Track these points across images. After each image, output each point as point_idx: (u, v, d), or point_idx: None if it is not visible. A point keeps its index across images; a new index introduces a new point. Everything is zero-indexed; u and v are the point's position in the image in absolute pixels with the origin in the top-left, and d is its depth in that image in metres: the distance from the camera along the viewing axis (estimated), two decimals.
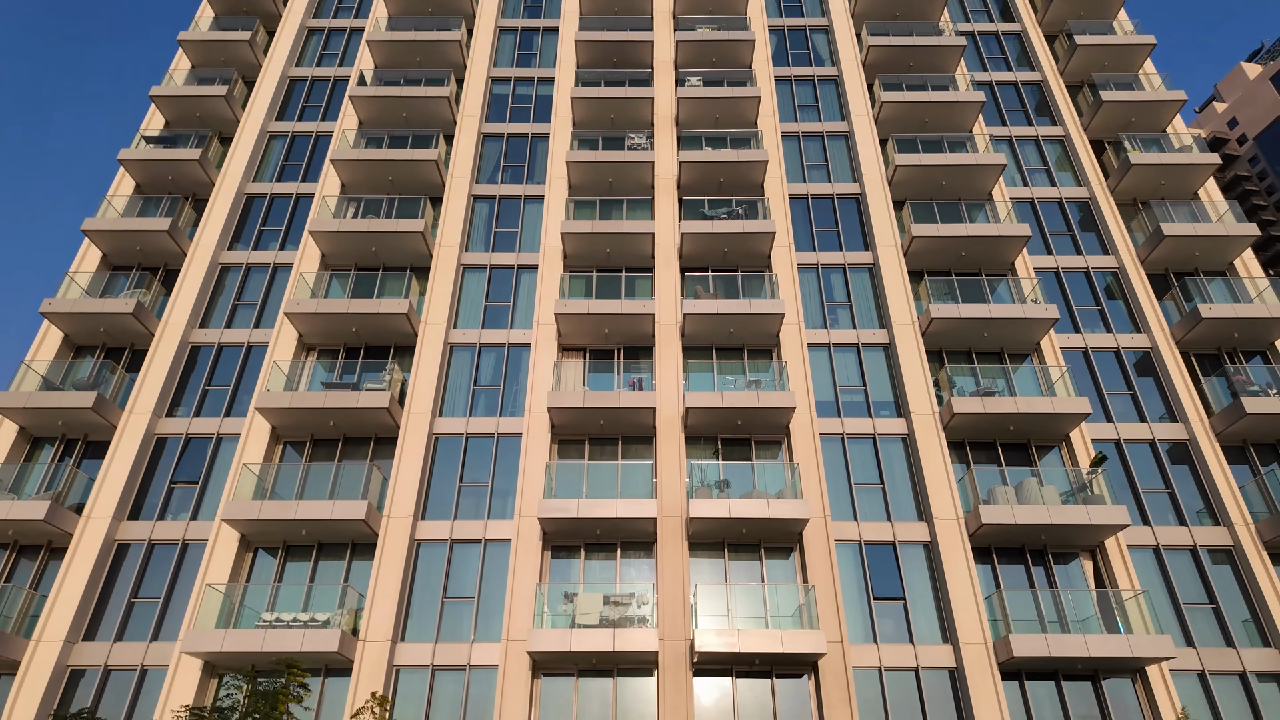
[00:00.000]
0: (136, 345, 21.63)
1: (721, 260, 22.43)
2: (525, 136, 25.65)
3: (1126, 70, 26.78)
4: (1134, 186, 24.07)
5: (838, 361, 20.97)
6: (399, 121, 25.34)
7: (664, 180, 23.81)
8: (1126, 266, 22.72)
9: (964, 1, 30.12)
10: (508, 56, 27.98)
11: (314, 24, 29.07)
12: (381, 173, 23.60)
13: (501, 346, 21.31)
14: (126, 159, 23.72)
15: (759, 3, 28.92)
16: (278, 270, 22.97)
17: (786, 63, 27.82)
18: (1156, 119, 25.34)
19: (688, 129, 25.18)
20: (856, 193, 24.18)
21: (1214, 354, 21.57)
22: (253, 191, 24.60)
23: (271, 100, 26.33)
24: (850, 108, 25.68)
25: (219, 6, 28.71)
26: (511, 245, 23.24)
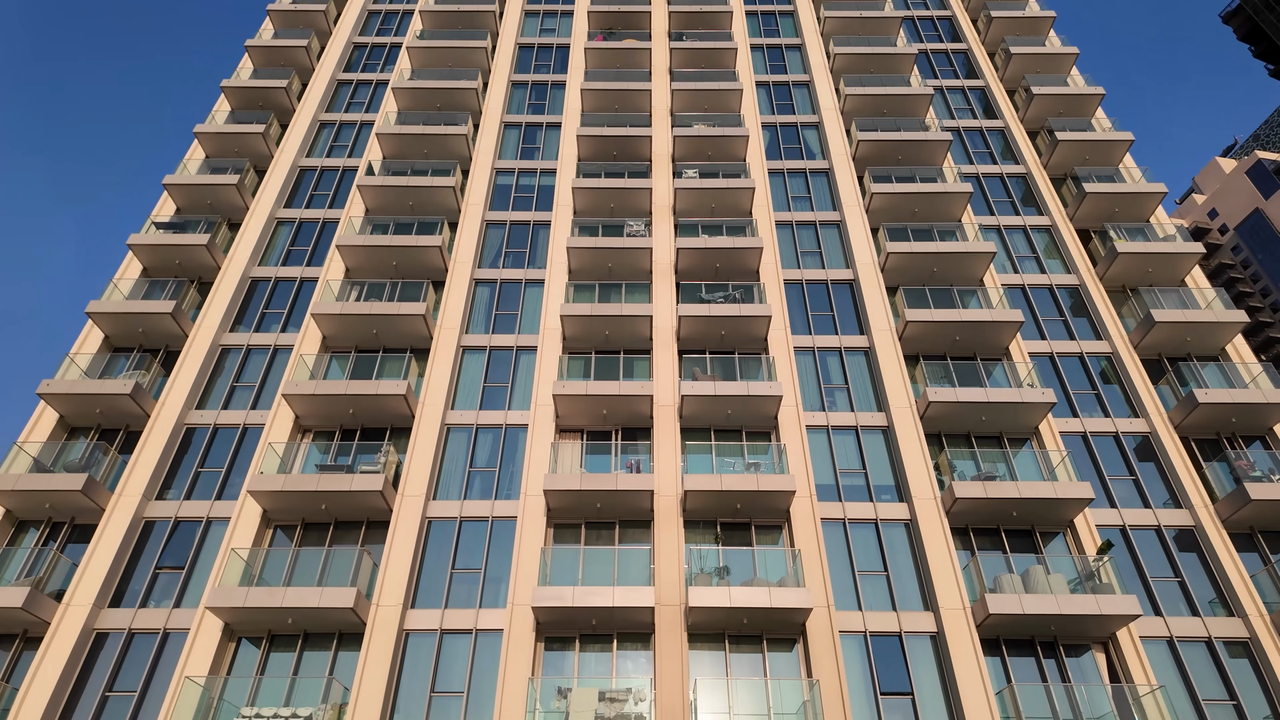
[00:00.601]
0: (131, 426, 21.51)
1: (719, 343, 22.65)
2: (527, 224, 26.36)
3: (1107, 164, 27.85)
4: (1122, 274, 24.61)
5: (837, 444, 20.86)
6: (405, 210, 26.09)
7: (662, 266, 24.33)
8: (1120, 351, 22.96)
9: (948, 100, 31.61)
10: (512, 149, 29.09)
11: (326, 118, 30.34)
12: (386, 258, 24.12)
13: (499, 428, 21.21)
14: (136, 244, 24.25)
15: (752, 101, 30.33)
16: (278, 352, 23.11)
17: (779, 156, 28.93)
18: (1139, 209, 26.16)
19: (685, 217, 25.93)
20: (850, 278, 24.67)
21: (1213, 439, 21.51)
22: (258, 275, 25.05)
23: (281, 188, 27.18)
24: (841, 198, 26.53)
25: (235, 101, 30.03)
26: (511, 328, 23.50)
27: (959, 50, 33.68)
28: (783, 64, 32.76)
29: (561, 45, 33.14)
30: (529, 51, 33.04)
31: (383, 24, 34.75)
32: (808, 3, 34.70)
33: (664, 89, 30.46)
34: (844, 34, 32.52)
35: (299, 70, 31.50)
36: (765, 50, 33.27)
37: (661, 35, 32.89)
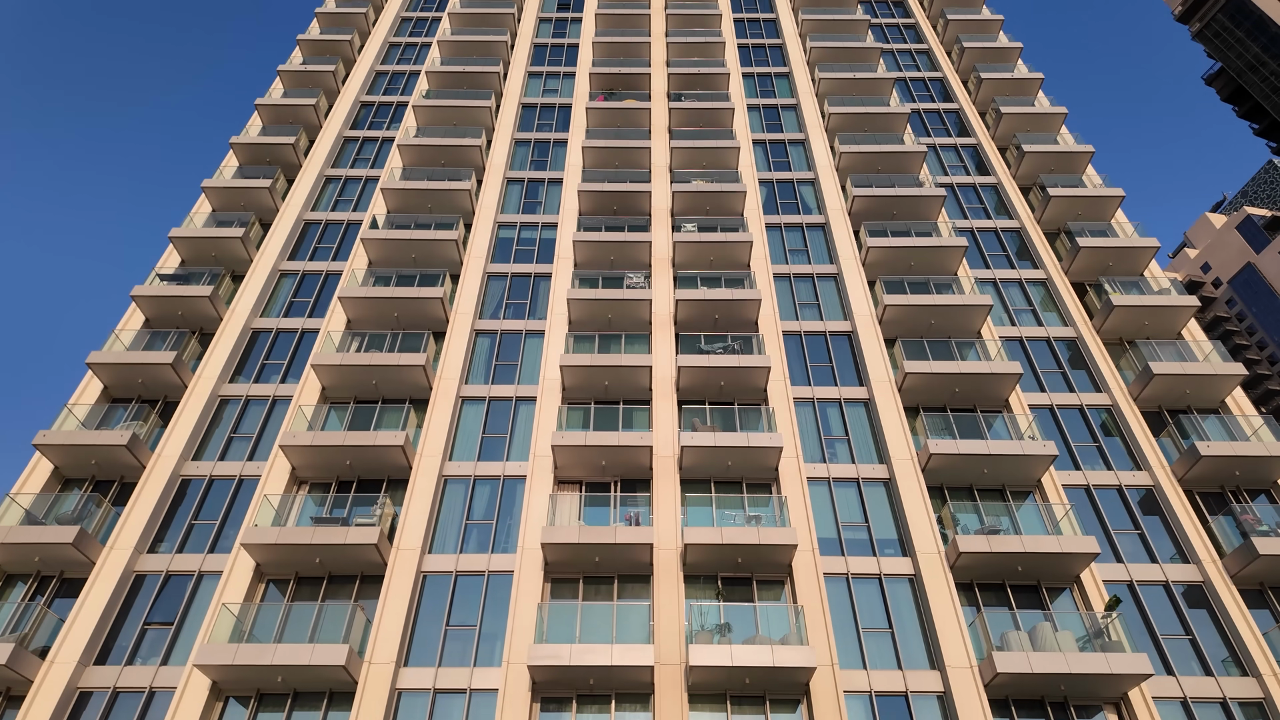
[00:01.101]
0: (126, 478, 21.32)
1: (718, 394, 22.64)
2: (528, 276, 26.65)
3: (1099, 219, 28.31)
4: (1119, 326, 24.76)
5: (839, 497, 20.65)
6: (408, 262, 26.40)
7: (661, 317, 24.49)
8: (1120, 404, 22.93)
9: (941, 157, 32.33)
10: (514, 204, 29.61)
11: (332, 173, 30.97)
12: (388, 309, 24.29)
13: (496, 479, 21.03)
14: (139, 295, 24.45)
15: (749, 158, 31.01)
16: (276, 403, 23.07)
17: (776, 210, 29.44)
18: (1133, 264, 26.48)
19: (684, 270, 26.22)
20: (848, 330, 24.81)
21: (1217, 492, 21.31)
22: (259, 326, 25.19)
23: (286, 241, 27.55)
24: (838, 252, 26.89)
25: (244, 157, 30.68)
26: (511, 378, 23.52)
27: (951, 110, 34.59)
28: (779, 123, 33.60)
29: (564, 105, 34.04)
30: (532, 111, 33.93)
31: (390, 84, 35.77)
32: (802, 65, 35.80)
33: (663, 147, 31.17)
34: (838, 94, 33.45)
35: (307, 127, 32.28)
36: (761, 110, 34.17)
37: (661, 96, 33.82)
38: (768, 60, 37.09)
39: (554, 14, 39.95)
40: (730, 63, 35.90)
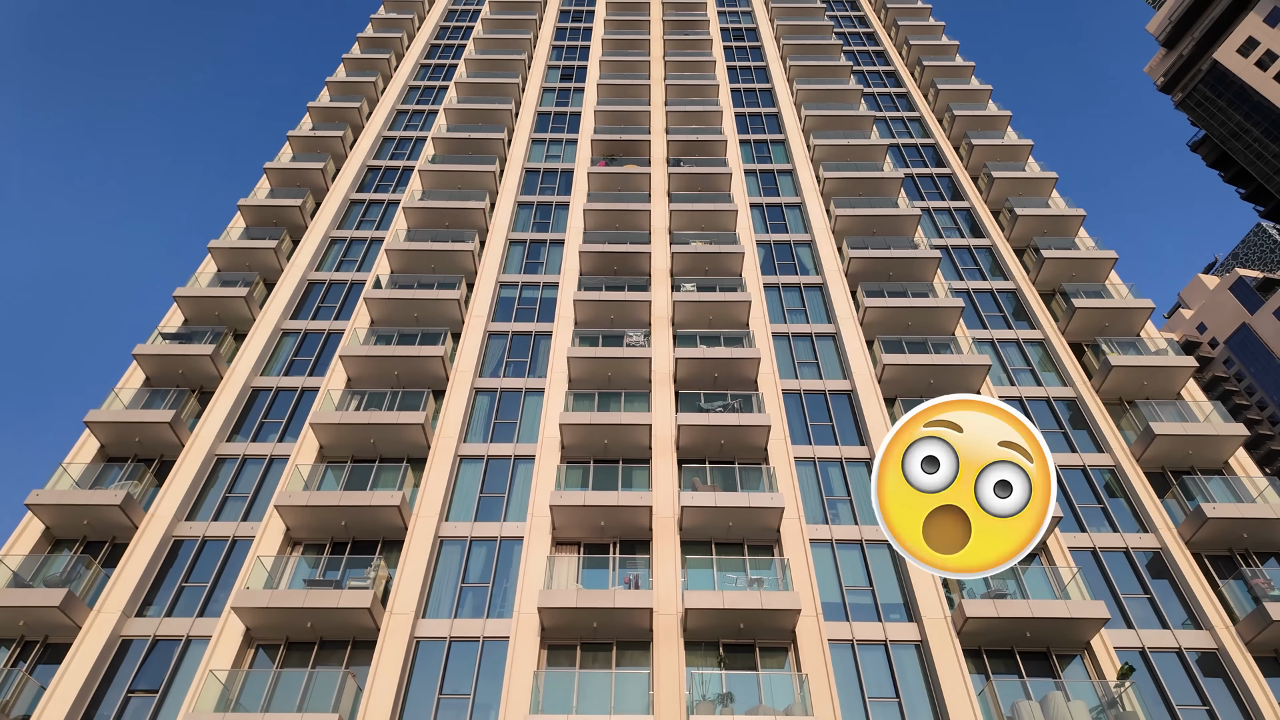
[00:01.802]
0: (118, 538, 20.96)
1: (719, 452, 22.49)
2: (529, 335, 26.81)
3: (1094, 280, 28.62)
4: (1118, 386, 24.77)
5: (842, 559, 20.29)
6: (410, 321, 26.59)
7: (661, 375, 24.53)
8: (1123, 464, 22.76)
9: (935, 220, 32.94)
10: (516, 264, 30.02)
11: (337, 234, 31.48)
12: (388, 368, 24.35)
13: (493, 540, 20.69)
14: (141, 354, 24.51)
15: (746, 220, 31.60)
16: (273, 462, 22.89)
17: (774, 271, 29.83)
18: (1129, 324, 26.66)
19: (683, 328, 26.40)
20: (848, 389, 24.82)
21: (1225, 555, 20.95)
22: (259, 385, 25.19)
23: (289, 300, 27.80)
24: (836, 312, 27.13)
25: (250, 218, 31.20)
26: (510, 436, 23.40)
27: (943, 174, 35.43)
28: (775, 187, 34.37)
29: (566, 170, 34.87)
30: (535, 175, 34.74)
31: (396, 149, 36.71)
32: (798, 132, 36.83)
33: (663, 209, 31.79)
34: (833, 160, 34.27)
35: (314, 190, 32.94)
36: (758, 175, 35.00)
37: (660, 161, 34.68)
38: (764, 128, 38.17)
39: (557, 84, 41.32)
40: (728, 130, 36.93)
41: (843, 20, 48.31)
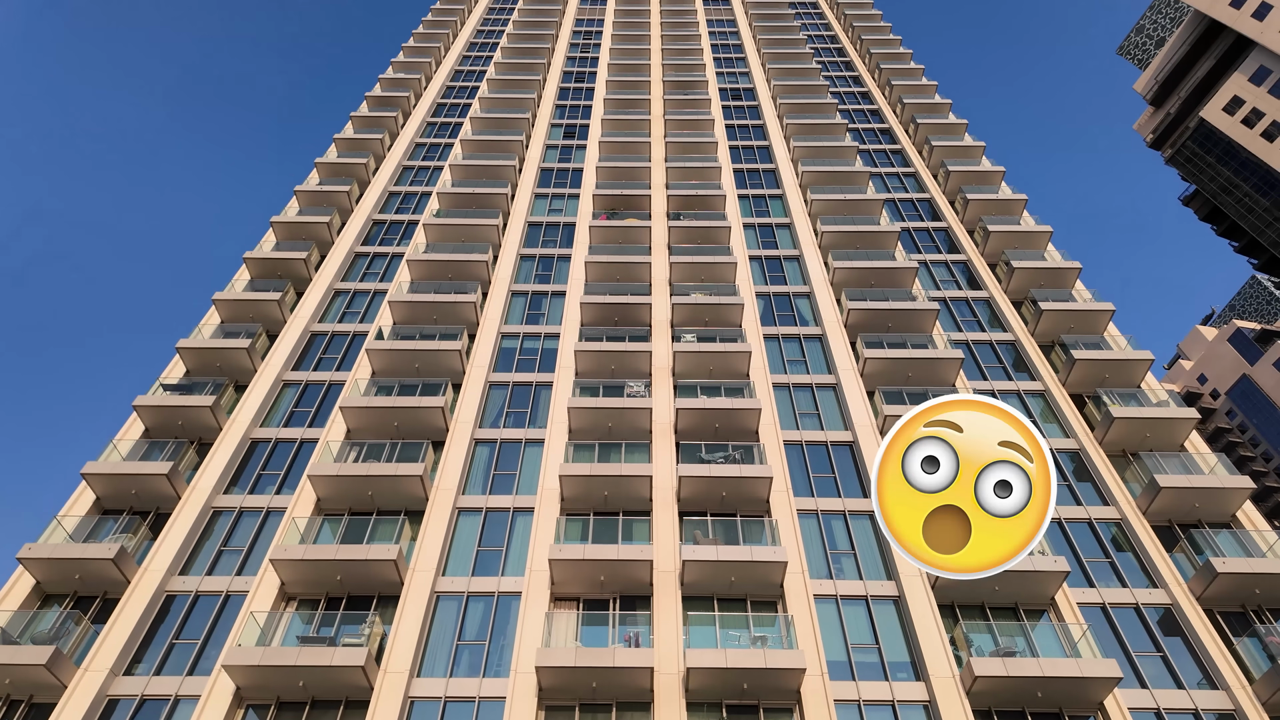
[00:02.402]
0: (110, 593, 20.59)
1: (720, 504, 22.25)
2: (530, 385, 26.83)
3: (1092, 332, 28.76)
4: (1121, 438, 24.64)
5: (847, 616, 19.87)
6: (411, 372, 26.64)
7: (662, 426, 24.45)
8: (1129, 518, 22.48)
9: (932, 272, 33.29)
10: (518, 316, 30.24)
11: (341, 286, 31.79)
12: (388, 418, 24.30)
13: (491, 596, 20.31)
14: (141, 405, 24.50)
15: (746, 273, 31.94)
16: (270, 514, 22.64)
17: (774, 322, 30.02)
18: (1130, 376, 26.68)
19: (684, 379, 26.43)
20: (850, 440, 24.70)
21: (1238, 611, 20.51)
22: (258, 436, 25.09)
23: (291, 352, 27.90)
24: (836, 363, 27.19)
25: (255, 271, 31.53)
26: (509, 488, 23.19)
27: (940, 228, 35.95)
28: (774, 240, 34.86)
29: (568, 224, 35.43)
30: (537, 229, 35.28)
31: (402, 203, 37.38)
32: (795, 187, 37.53)
33: (663, 262, 32.17)
34: (830, 214, 34.80)
35: (319, 243, 33.40)
36: (757, 228, 35.53)
37: (661, 215, 35.25)
38: (762, 183, 38.92)
39: (560, 141, 42.31)
40: (726, 185, 37.65)
41: (838, 80, 49.72)
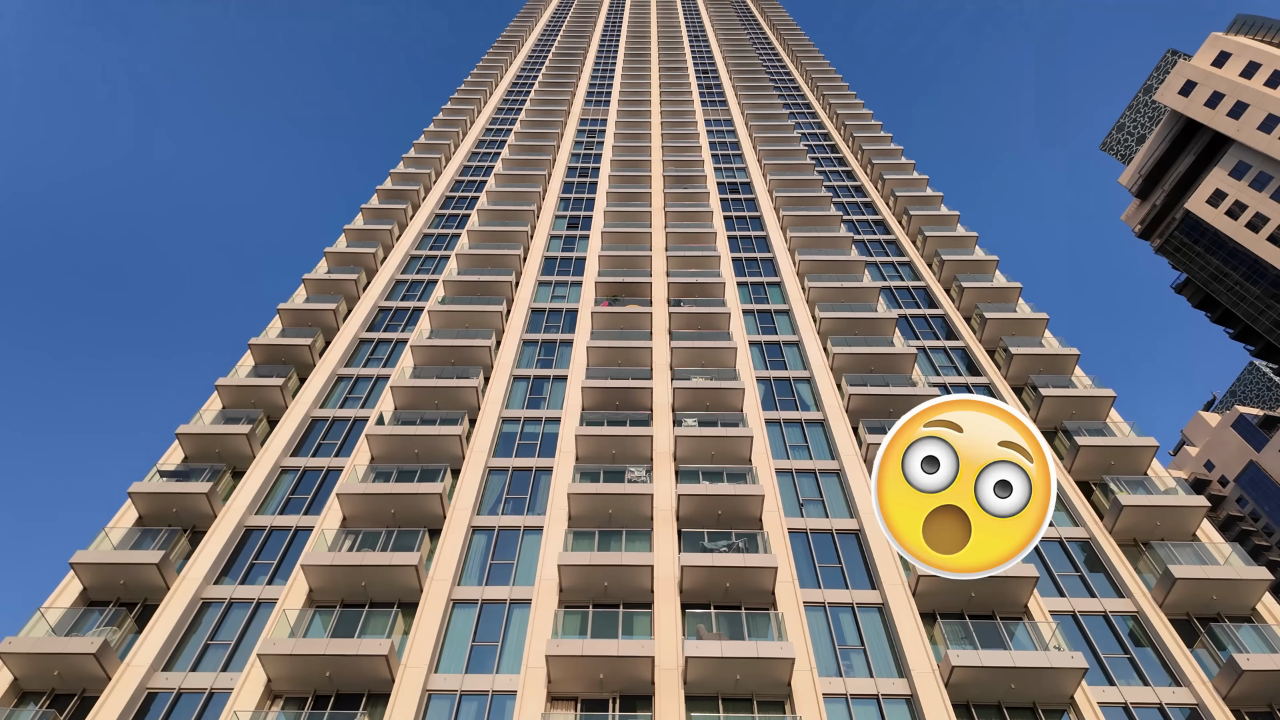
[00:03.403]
0: (89, 691, 19.73)
1: (723, 596, 21.61)
2: (529, 470, 26.56)
3: (1094, 418, 28.68)
4: (1130, 527, 24.17)
5: (858, 718, 18.94)
6: (410, 458, 26.44)
7: (663, 512, 24.05)
8: (1145, 610, 21.77)
9: (931, 358, 33.51)
10: (519, 400, 30.28)
11: (344, 372, 31.98)
12: (385, 505, 23.94)
13: (485, 695, 19.45)
14: (136, 492, 24.20)
15: (746, 358, 32.18)
16: (261, 606, 21.98)
17: (775, 407, 30.01)
18: (1136, 463, 26.43)
19: (685, 464, 26.18)
20: (855, 528, 24.24)
21: (1265, 711, 19.57)
22: (253, 524, 24.66)
23: (291, 437, 27.78)
24: (839, 448, 27.00)
25: (260, 356, 31.80)
26: (506, 578, 22.58)
27: (936, 315, 36.44)
28: (773, 326, 35.30)
29: (570, 310, 35.99)
30: (540, 315, 35.81)
31: (408, 291, 38.06)
32: (793, 275, 38.31)
33: (664, 347, 32.47)
34: (828, 301, 35.38)
35: (324, 330, 33.82)
36: (756, 314, 36.04)
37: (661, 302, 35.84)
38: (760, 271, 39.76)
39: (564, 231, 43.53)
40: (725, 273, 38.44)
41: (831, 175, 51.57)
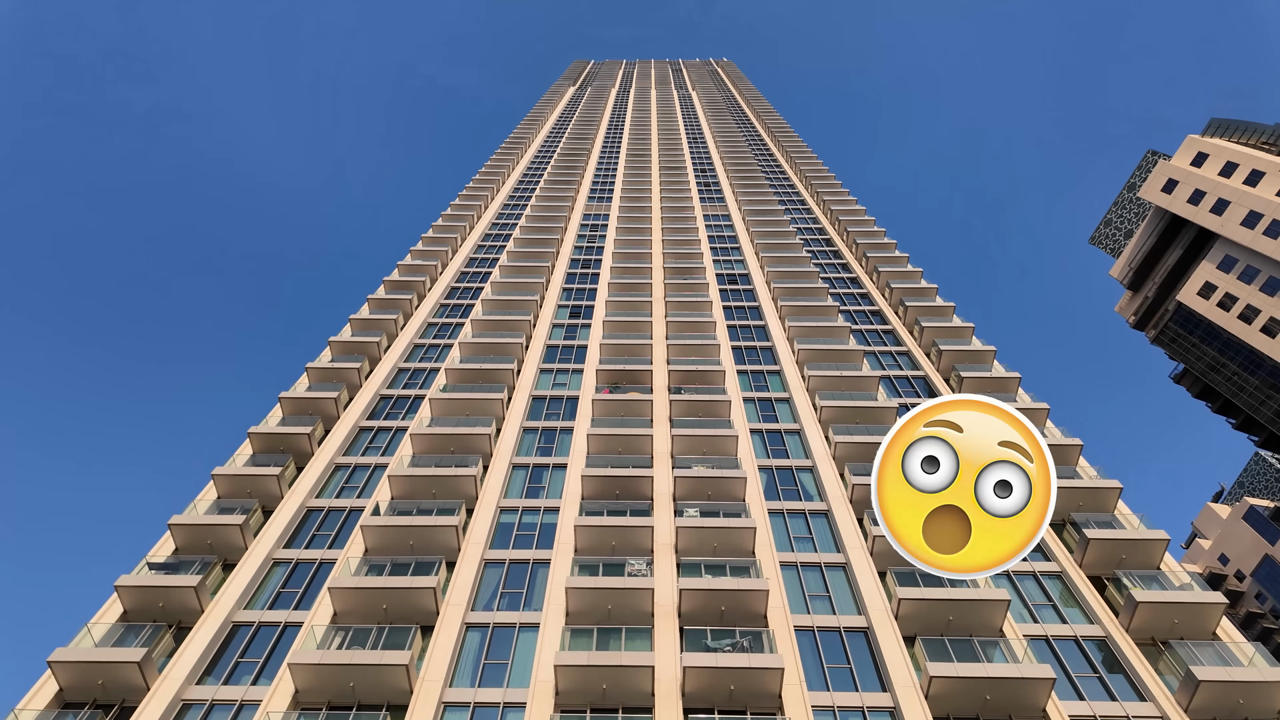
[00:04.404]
0: None
1: (728, 699, 20.65)
2: (526, 562, 25.92)
3: (1102, 509, 28.22)
4: (1148, 625, 23.35)
5: None
6: (405, 549, 25.86)
7: (664, 608, 23.29)
8: (1170, 716, 20.74)
9: None
10: (518, 489, 29.88)
11: (342, 460, 31.70)
12: (377, 600, 23.23)
13: None
14: (123, 585, 23.52)
15: (747, 445, 31.97)
16: (244, 708, 20.97)
17: (778, 497, 29.57)
18: (1148, 556, 25.81)
19: (687, 556, 25.57)
20: (864, 625, 23.42)
21: None
22: (240, 619, 23.86)
23: (285, 528, 27.26)
24: (844, 541, 26.44)
25: (258, 445, 31.60)
26: (500, 679, 21.64)
27: None
28: (774, 414, 35.26)
29: (571, 397, 36.05)
30: (541, 402, 35.83)
31: (410, 380, 38.23)
32: (792, 364, 38.58)
33: (665, 434, 32.32)
34: (828, 389, 35.50)
35: (324, 418, 33.76)
36: (757, 403, 36.06)
37: (662, 389, 35.95)
38: (760, 359, 40.06)
39: (566, 321, 44.16)
40: (725, 361, 38.73)
41: (827, 267, 52.77)
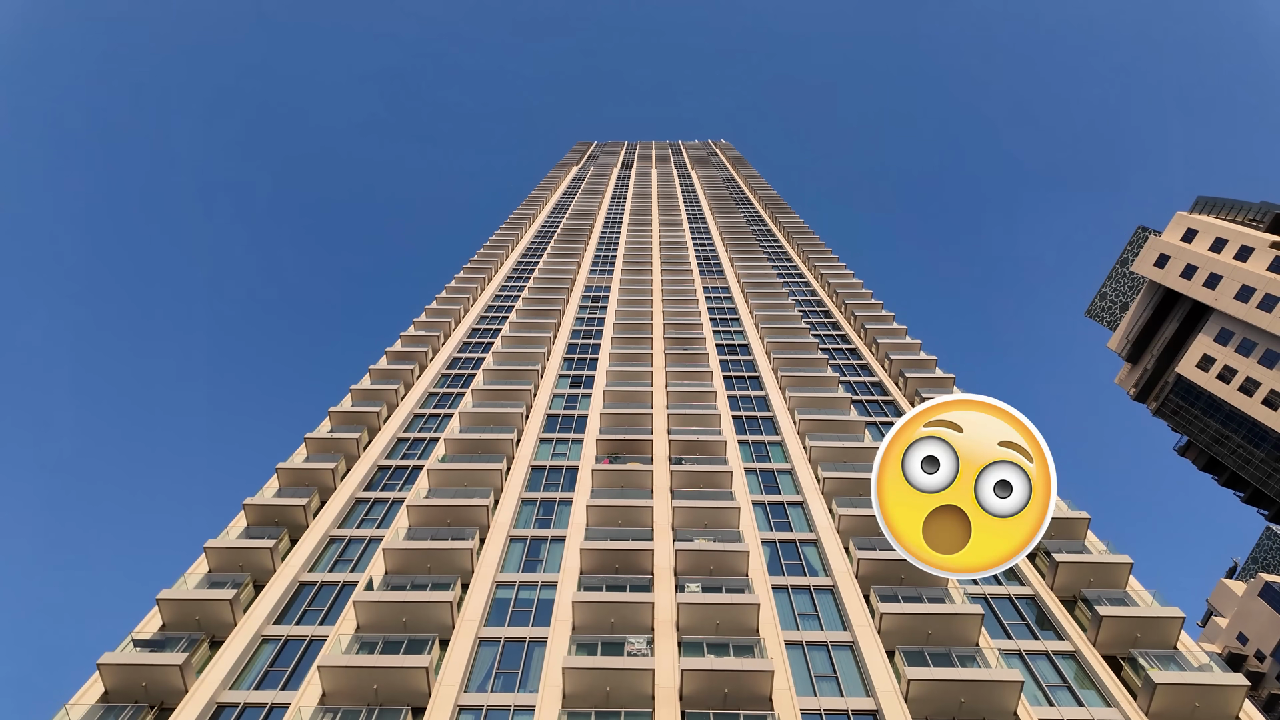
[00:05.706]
0: None
1: None
2: (522, 641, 25.11)
3: (1113, 586, 27.52)
4: (1168, 708, 22.41)
5: None
6: (398, 626, 25.11)
7: (665, 691, 22.42)
8: None
9: None
10: (515, 563, 29.23)
11: (337, 533, 31.14)
12: (367, 681, 22.41)
13: None
14: (105, 664, 22.75)
15: (750, 518, 31.45)
16: None
17: (781, 571, 28.89)
18: (1163, 635, 25.02)
19: (688, 635, 24.78)
20: (873, 709, 22.50)
21: None
22: (225, 701, 22.96)
23: (276, 603, 26.55)
24: (851, 618, 25.68)
25: (253, 517, 31.08)
26: None
27: None
28: (775, 485, 34.82)
29: (570, 467, 35.71)
30: (540, 472, 35.47)
31: (409, 449, 37.97)
32: (794, 434, 38.36)
33: (665, 506, 31.85)
34: (830, 460, 35.17)
35: (321, 489, 33.34)
36: (759, 473, 35.68)
37: (662, 460, 35.64)
38: (761, 430, 39.86)
39: (566, 390, 44.19)
40: (726, 431, 38.53)
41: (826, 339, 53.14)
